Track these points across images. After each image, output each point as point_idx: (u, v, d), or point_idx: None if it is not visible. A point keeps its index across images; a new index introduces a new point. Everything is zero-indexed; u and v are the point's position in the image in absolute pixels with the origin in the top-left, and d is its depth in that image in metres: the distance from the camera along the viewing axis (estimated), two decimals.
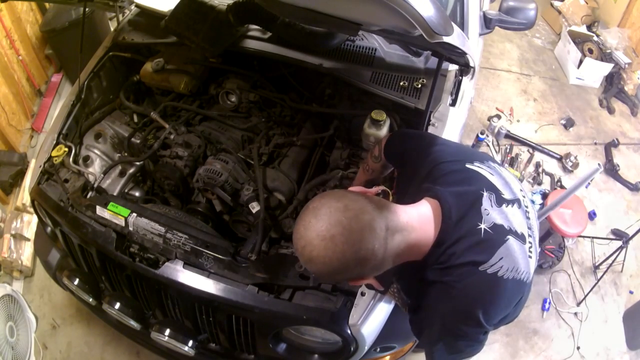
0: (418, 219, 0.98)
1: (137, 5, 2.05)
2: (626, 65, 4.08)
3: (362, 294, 1.34)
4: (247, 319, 1.46)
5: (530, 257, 1.02)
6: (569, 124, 3.74)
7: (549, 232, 2.71)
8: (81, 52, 1.83)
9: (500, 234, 1.00)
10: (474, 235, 0.98)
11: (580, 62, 4.00)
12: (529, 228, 1.06)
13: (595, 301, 2.73)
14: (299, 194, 1.69)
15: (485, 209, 1.01)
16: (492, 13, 2.03)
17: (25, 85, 3.20)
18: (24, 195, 2.62)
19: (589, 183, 3.34)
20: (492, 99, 3.86)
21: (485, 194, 1.03)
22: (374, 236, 0.87)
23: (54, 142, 1.70)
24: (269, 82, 2.00)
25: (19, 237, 2.51)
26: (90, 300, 1.66)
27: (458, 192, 1.02)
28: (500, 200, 1.04)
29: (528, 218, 1.07)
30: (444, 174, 1.08)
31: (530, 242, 1.04)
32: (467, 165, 1.09)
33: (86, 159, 1.75)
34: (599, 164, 2.01)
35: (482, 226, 0.99)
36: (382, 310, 1.40)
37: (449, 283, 0.97)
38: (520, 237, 1.02)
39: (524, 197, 1.10)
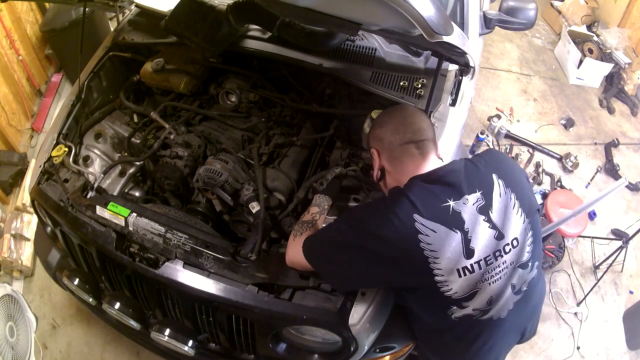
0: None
1: (137, 5, 2.05)
2: (626, 65, 4.08)
3: (362, 294, 1.34)
4: (247, 319, 1.46)
5: (461, 274, 1.11)
6: (569, 124, 3.74)
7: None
8: (81, 52, 1.83)
9: (455, 221, 1.10)
10: (441, 203, 1.11)
11: (580, 62, 4.00)
12: (487, 261, 1.12)
13: (595, 301, 2.73)
14: (298, 191, 1.69)
15: (466, 200, 1.12)
16: (492, 13, 2.02)
17: (25, 85, 3.19)
18: (24, 195, 2.62)
19: (589, 183, 3.35)
20: (492, 99, 3.86)
21: (478, 194, 1.13)
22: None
23: (54, 142, 1.70)
24: (269, 82, 1.99)
25: (19, 237, 2.51)
26: (90, 300, 1.65)
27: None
28: (483, 211, 1.13)
29: (498, 257, 1.13)
30: None
31: (473, 268, 1.11)
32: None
33: (86, 159, 1.75)
34: (625, 178, 2.05)
35: (451, 204, 1.11)
36: (382, 310, 1.40)
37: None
38: (469, 249, 1.10)
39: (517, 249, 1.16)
